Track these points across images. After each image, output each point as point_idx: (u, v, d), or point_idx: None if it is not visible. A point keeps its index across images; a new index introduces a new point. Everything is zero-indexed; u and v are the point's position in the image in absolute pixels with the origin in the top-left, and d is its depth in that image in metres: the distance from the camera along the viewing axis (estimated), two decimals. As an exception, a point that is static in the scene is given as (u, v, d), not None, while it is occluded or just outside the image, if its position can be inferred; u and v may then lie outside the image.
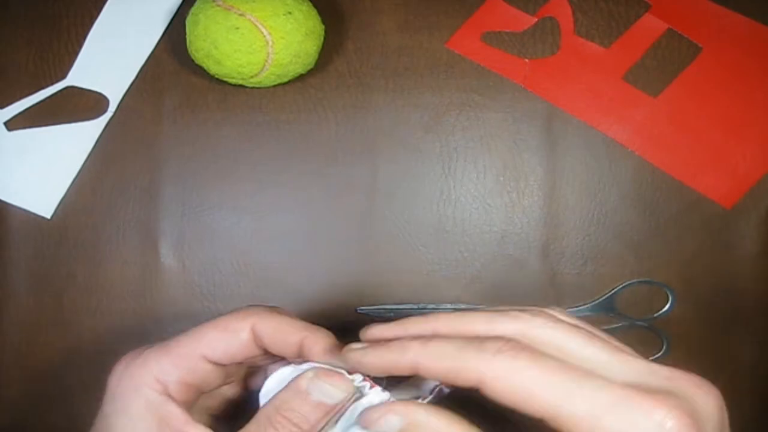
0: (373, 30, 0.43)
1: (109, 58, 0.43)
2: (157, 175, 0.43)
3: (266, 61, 0.38)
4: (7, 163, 0.43)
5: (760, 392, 0.42)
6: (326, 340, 0.29)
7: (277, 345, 0.29)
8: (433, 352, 0.24)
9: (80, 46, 0.43)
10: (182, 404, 0.28)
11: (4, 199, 0.43)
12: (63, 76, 0.43)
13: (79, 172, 0.43)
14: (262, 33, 0.38)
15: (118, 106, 0.43)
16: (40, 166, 0.43)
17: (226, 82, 0.41)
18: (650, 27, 0.42)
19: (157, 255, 0.43)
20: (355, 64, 0.43)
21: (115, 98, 0.43)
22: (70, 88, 0.43)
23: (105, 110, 0.43)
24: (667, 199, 0.42)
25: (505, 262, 0.42)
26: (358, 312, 0.42)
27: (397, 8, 0.43)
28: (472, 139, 0.43)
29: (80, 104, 0.43)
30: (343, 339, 0.29)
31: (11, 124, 0.43)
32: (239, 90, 0.42)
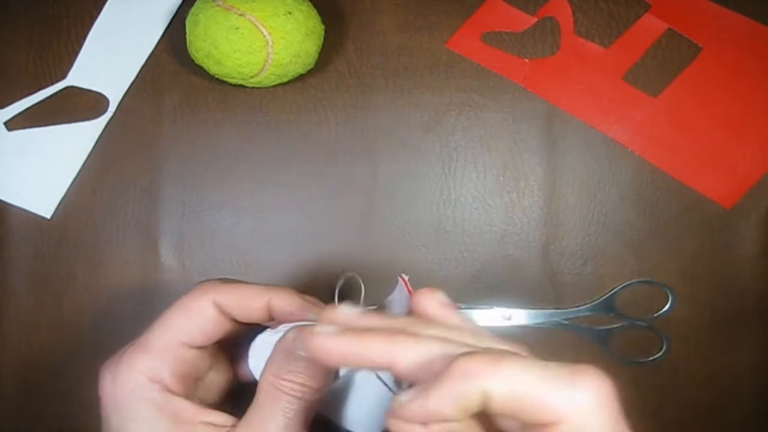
0: (373, 30, 0.43)
1: (109, 58, 0.43)
2: (157, 175, 0.43)
3: (266, 61, 0.38)
4: (7, 163, 0.43)
5: (760, 392, 0.42)
6: (293, 299, 0.29)
7: (243, 313, 0.29)
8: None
9: (80, 46, 0.43)
10: (185, 396, 0.28)
11: (4, 199, 0.43)
12: (63, 76, 0.43)
13: (79, 172, 0.43)
14: (262, 33, 0.38)
15: (118, 106, 0.43)
16: (40, 166, 0.43)
17: (226, 82, 0.41)
18: (650, 27, 0.42)
19: (157, 255, 0.43)
20: (355, 64, 0.43)
21: (115, 98, 0.43)
22: (70, 88, 0.43)
23: (105, 110, 0.43)
24: (667, 199, 0.42)
25: (505, 262, 0.42)
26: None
27: (397, 8, 0.43)
28: (472, 139, 0.43)
29: (80, 104, 0.43)
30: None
31: (11, 124, 0.43)
32: (239, 90, 0.42)
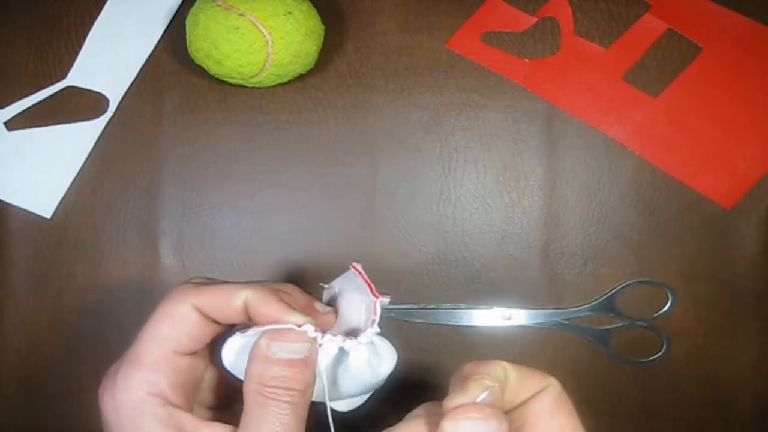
0: (373, 30, 0.43)
1: (109, 58, 0.43)
2: (157, 175, 0.43)
3: (266, 61, 0.38)
4: (7, 163, 0.43)
5: (760, 392, 0.42)
6: (267, 299, 0.27)
7: (222, 315, 0.28)
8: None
9: (80, 46, 0.43)
10: (186, 407, 0.28)
11: (4, 199, 0.43)
12: (63, 76, 0.43)
13: (79, 172, 0.43)
14: (262, 33, 0.38)
15: (118, 106, 0.43)
16: (40, 166, 0.43)
17: (226, 82, 0.41)
18: (650, 27, 0.42)
19: (157, 255, 0.43)
20: (355, 64, 0.43)
21: (115, 98, 0.43)
22: (70, 88, 0.43)
23: (105, 110, 0.43)
24: (667, 199, 0.42)
25: (505, 262, 0.42)
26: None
27: (397, 8, 0.43)
28: (472, 139, 0.43)
29: (80, 104, 0.43)
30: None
31: (11, 124, 0.43)
32: (239, 90, 0.42)
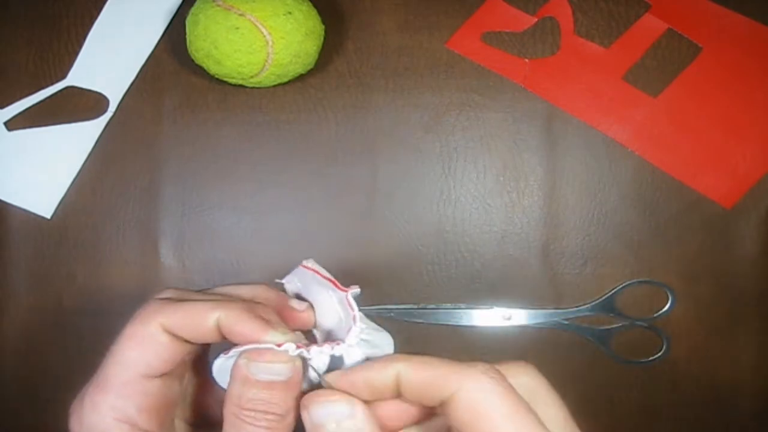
0: (373, 30, 0.43)
1: (109, 58, 0.43)
2: (157, 175, 0.43)
3: (266, 61, 0.38)
4: (7, 163, 0.43)
5: (760, 392, 0.42)
6: (240, 318, 0.25)
7: (194, 335, 0.25)
8: (420, 360, 0.23)
9: (80, 46, 0.43)
10: (158, 430, 0.26)
11: (4, 199, 0.43)
12: (63, 76, 0.43)
13: (79, 172, 0.43)
14: (262, 33, 0.38)
15: (118, 106, 0.43)
16: (40, 166, 0.43)
17: (226, 82, 0.41)
18: (650, 27, 0.42)
19: (157, 255, 0.43)
20: (355, 64, 0.43)
21: (115, 98, 0.43)
22: (70, 88, 0.43)
23: (105, 110, 0.43)
24: (667, 199, 0.42)
25: (505, 262, 0.42)
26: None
27: (397, 8, 0.43)
28: (472, 139, 0.43)
29: (80, 104, 0.43)
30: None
31: (11, 124, 0.43)
32: (239, 90, 0.42)
